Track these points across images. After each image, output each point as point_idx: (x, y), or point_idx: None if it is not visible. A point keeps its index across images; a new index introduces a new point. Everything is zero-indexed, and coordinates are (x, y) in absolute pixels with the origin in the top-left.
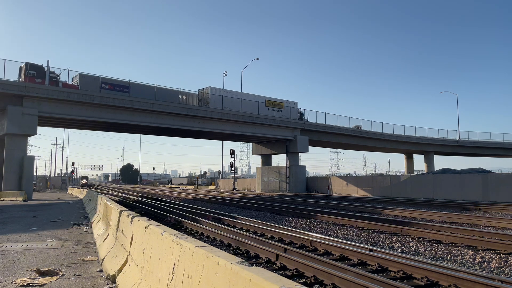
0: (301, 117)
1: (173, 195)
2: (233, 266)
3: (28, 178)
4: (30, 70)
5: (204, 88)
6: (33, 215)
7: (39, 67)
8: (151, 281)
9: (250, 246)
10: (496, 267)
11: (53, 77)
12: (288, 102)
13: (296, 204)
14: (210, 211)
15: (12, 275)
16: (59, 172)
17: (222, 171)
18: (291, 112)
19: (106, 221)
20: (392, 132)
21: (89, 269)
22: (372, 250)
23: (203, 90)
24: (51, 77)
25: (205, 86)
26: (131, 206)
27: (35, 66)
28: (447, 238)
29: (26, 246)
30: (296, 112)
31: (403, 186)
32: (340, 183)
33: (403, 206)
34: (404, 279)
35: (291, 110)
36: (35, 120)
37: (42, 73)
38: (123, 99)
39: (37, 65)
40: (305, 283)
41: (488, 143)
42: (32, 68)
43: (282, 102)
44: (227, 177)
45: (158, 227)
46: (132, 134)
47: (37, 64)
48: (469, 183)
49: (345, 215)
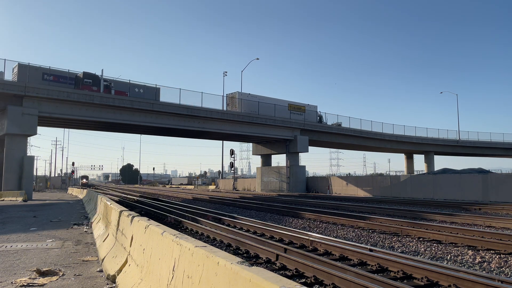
0: (321, 120)
1: (173, 195)
2: (233, 266)
3: (28, 178)
4: (86, 78)
5: (232, 93)
6: (33, 215)
7: (95, 76)
8: (151, 281)
9: (250, 246)
10: (496, 267)
11: (106, 85)
12: (309, 106)
13: (296, 204)
14: (210, 211)
15: (12, 275)
16: (59, 172)
17: (222, 171)
18: (311, 115)
19: (106, 221)
20: (392, 132)
21: (89, 269)
22: (372, 250)
23: (231, 95)
24: (105, 85)
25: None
26: (131, 206)
27: (91, 75)
28: (447, 238)
29: (26, 246)
30: (316, 115)
31: (403, 186)
32: (340, 183)
33: (403, 206)
34: (404, 279)
35: (311, 113)
36: (35, 120)
37: (97, 81)
38: (123, 99)
39: (93, 74)
40: (305, 283)
41: (488, 143)
42: (89, 77)
43: (303, 106)
44: (227, 177)
45: (158, 227)
46: (132, 134)
47: (93, 73)
48: (469, 183)
49: (345, 215)
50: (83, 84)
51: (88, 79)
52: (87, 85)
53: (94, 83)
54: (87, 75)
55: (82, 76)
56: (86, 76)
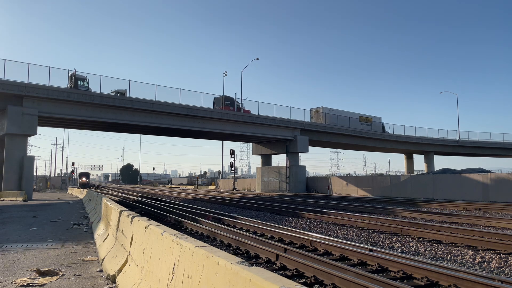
0: (383, 130)
1: (173, 195)
2: (233, 266)
3: (28, 178)
4: (226, 101)
5: (317, 108)
6: (33, 215)
7: (231, 98)
8: (151, 281)
9: (250, 246)
10: (496, 267)
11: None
12: (375, 118)
13: (296, 204)
14: (210, 211)
15: (12, 275)
16: (59, 172)
17: (222, 171)
18: (376, 126)
19: (106, 221)
20: (392, 132)
21: (89, 269)
22: (372, 250)
23: (316, 109)
24: (238, 106)
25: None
26: (131, 206)
27: (229, 98)
28: (447, 238)
29: (26, 246)
30: (380, 125)
31: (403, 186)
32: (340, 183)
33: (403, 206)
34: (404, 279)
35: (376, 124)
36: (35, 120)
37: (232, 102)
38: (123, 99)
39: (230, 97)
40: (305, 283)
41: (488, 143)
42: (228, 99)
43: (370, 117)
44: (227, 177)
45: (158, 227)
46: (132, 134)
47: (230, 96)
48: (469, 183)
49: (345, 215)
50: (224, 105)
51: (227, 101)
52: (227, 105)
53: (231, 104)
54: (228, 98)
55: (224, 99)
56: (227, 99)
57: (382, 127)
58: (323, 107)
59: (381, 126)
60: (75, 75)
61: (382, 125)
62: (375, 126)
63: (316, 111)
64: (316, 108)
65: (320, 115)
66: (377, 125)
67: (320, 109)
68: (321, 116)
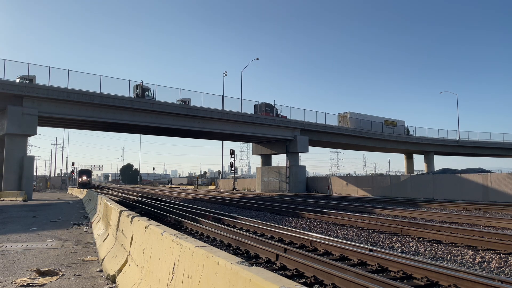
0: (408, 132)
1: (173, 195)
2: (233, 266)
3: (28, 178)
4: (266, 107)
5: (344, 113)
6: (33, 215)
7: (271, 105)
8: (151, 281)
9: (250, 246)
10: (496, 267)
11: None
12: (399, 121)
13: (296, 204)
14: (210, 211)
15: (12, 275)
16: (59, 172)
17: (222, 171)
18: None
19: (106, 221)
20: (392, 132)
21: (89, 269)
22: (372, 250)
23: (343, 114)
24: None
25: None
26: (131, 206)
27: (269, 105)
28: (447, 238)
29: (26, 246)
30: (404, 128)
31: (403, 186)
32: (340, 183)
33: (403, 206)
34: (404, 279)
35: (399, 127)
36: (35, 120)
37: (272, 108)
38: (123, 99)
39: (270, 104)
40: (305, 283)
41: (488, 143)
42: (268, 106)
43: (395, 121)
44: (227, 177)
45: (158, 227)
46: (132, 134)
47: (270, 103)
48: (469, 183)
49: (345, 215)
50: (265, 111)
51: (268, 108)
52: (267, 112)
53: (271, 110)
54: (268, 105)
55: (265, 105)
56: (267, 106)
57: (407, 130)
58: (351, 112)
59: (404, 129)
60: (142, 86)
61: (406, 128)
62: (398, 129)
63: (344, 116)
64: (343, 113)
65: (347, 120)
66: (401, 128)
67: (348, 114)
68: (348, 121)
